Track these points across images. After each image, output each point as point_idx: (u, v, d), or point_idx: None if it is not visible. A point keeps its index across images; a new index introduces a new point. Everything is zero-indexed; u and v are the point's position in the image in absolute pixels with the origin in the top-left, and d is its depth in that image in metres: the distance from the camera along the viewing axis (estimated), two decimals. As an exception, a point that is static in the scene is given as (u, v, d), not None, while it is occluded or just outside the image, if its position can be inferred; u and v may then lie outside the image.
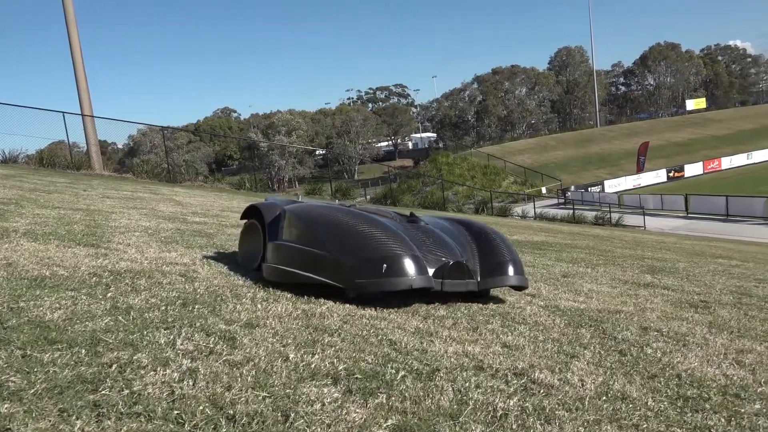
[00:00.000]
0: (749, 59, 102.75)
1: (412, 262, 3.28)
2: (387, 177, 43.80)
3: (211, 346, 2.26)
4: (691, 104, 75.70)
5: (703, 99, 79.54)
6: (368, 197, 31.63)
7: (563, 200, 35.51)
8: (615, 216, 25.71)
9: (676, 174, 42.72)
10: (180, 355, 2.13)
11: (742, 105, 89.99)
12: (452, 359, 2.41)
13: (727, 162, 45.75)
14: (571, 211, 27.39)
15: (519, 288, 3.88)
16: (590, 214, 25.93)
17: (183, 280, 3.45)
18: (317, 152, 72.60)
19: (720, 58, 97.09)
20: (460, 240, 3.84)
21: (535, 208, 28.41)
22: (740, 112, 74.37)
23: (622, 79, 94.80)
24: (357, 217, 3.68)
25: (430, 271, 3.36)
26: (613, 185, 39.69)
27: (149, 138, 58.86)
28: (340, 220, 3.62)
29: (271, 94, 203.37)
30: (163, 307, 2.75)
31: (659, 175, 42.10)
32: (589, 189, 38.01)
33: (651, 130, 61.78)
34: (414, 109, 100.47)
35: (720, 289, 5.37)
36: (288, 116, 74.42)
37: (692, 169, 43.82)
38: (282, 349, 2.32)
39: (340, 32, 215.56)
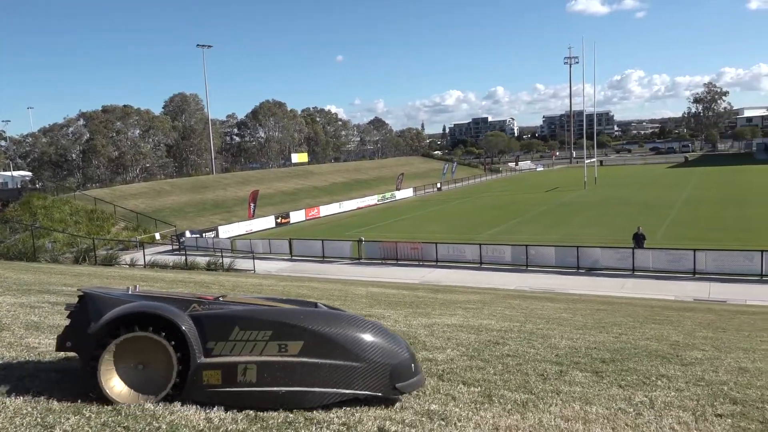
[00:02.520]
0: (340, 122, 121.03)
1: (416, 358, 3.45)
2: (-40, 222, 35.84)
3: None
4: (296, 158, 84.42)
5: (306, 154, 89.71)
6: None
7: (178, 246, 34.86)
8: (227, 261, 26.34)
9: (283, 220, 46.60)
10: None
11: (336, 161, 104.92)
12: None
13: (324, 210, 52.22)
14: (184, 258, 27.02)
15: None
16: (203, 260, 25.98)
17: None
18: None
19: (318, 119, 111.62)
20: None
21: (145, 255, 27.05)
22: (334, 167, 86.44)
23: (236, 130, 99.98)
24: (353, 317, 3.44)
25: None
26: (227, 231, 40.84)
27: None
28: (350, 323, 3.33)
29: None
30: None
31: (269, 221, 45.23)
32: (204, 235, 38.28)
33: (262, 179, 66.40)
34: (3, 143, 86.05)
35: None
36: None
37: (297, 216, 48.47)
38: None
39: None
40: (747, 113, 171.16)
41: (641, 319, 10.04)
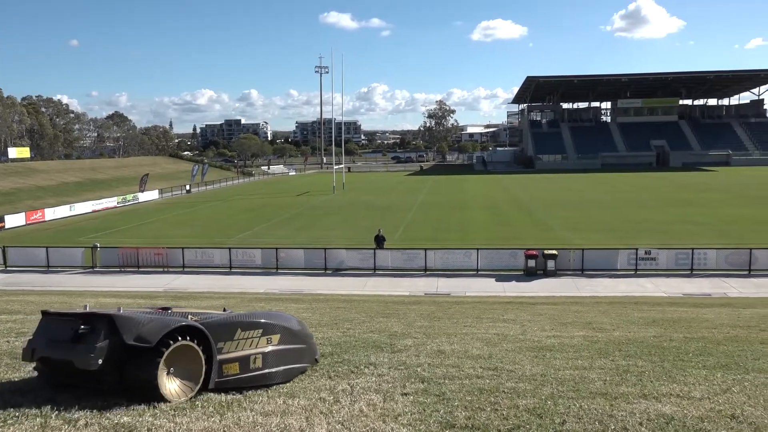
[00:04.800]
0: (73, 115, 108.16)
1: None
2: None
3: None
4: (15, 152, 73.04)
5: (28, 148, 78.15)
6: None
7: None
8: None
9: (-3, 225, 39.91)
10: None
11: (67, 158, 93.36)
12: None
13: (51, 213, 46.05)
14: None
15: None
16: None
17: None
18: None
19: (44, 109, 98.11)
20: None
21: None
22: (65, 164, 76.88)
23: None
24: (290, 316, 4.91)
25: None
26: None
27: None
28: (292, 319, 4.76)
29: None
30: None
31: (-23, 226, 38.31)
32: None
33: (-31, 176, 56.11)
34: None
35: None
36: None
37: (14, 220, 41.84)
38: None
39: None
40: (470, 130, 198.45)
41: (373, 314, 10.87)
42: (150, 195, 61.04)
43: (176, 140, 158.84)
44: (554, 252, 23.60)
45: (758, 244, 25.27)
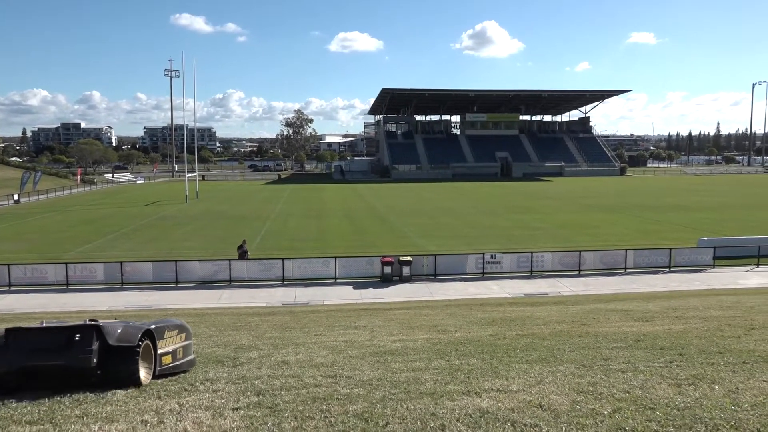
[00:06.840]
0: None
1: None
2: None
3: None
4: None
5: None
6: None
7: None
8: None
9: None
10: None
11: None
12: None
13: None
14: None
15: None
16: None
17: None
18: None
19: None
20: None
21: None
22: None
23: None
24: (176, 318, 6.33)
25: None
26: None
27: None
28: (181, 321, 5.98)
29: None
30: None
31: None
32: None
33: None
34: None
35: None
36: None
37: None
38: None
39: None
40: (328, 139, 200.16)
41: (223, 327, 10.52)
42: (-30, 206, 54.11)
43: (2, 144, 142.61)
44: (409, 258, 24.46)
45: (586, 246, 28.15)
